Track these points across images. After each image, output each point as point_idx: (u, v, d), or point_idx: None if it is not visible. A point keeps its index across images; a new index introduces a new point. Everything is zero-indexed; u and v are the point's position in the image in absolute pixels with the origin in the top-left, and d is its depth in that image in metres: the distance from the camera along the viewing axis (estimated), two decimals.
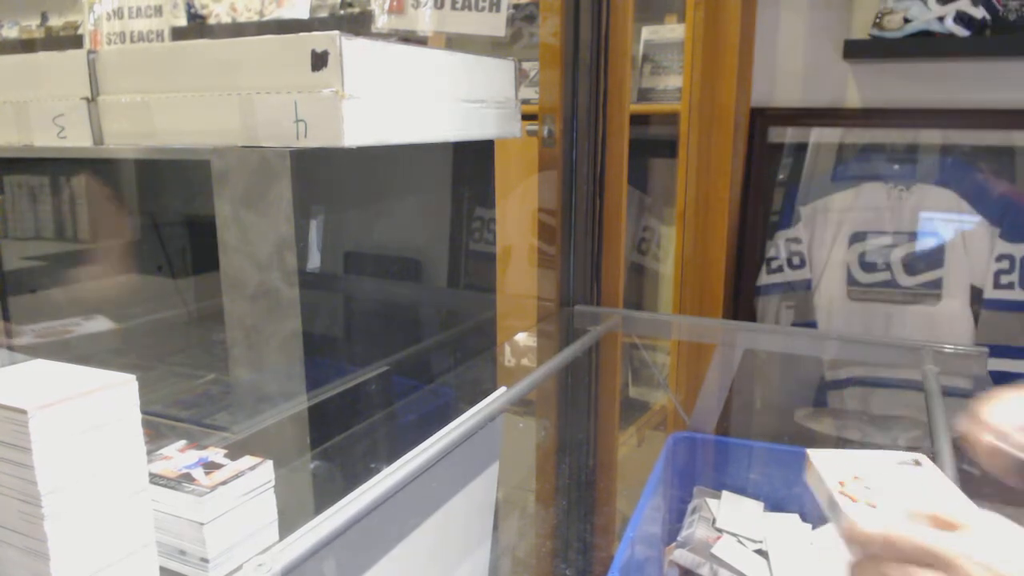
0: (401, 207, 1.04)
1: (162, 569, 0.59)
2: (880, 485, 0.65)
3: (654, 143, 1.96)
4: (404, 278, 1.07)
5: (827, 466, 0.70)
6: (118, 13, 1.07)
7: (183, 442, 0.69)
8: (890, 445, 1.59)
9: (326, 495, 0.73)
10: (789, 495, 1.17)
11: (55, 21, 2.71)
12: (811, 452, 0.72)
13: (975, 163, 1.60)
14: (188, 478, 0.62)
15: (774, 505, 1.17)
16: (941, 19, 1.47)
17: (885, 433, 1.60)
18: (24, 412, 0.47)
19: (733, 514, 1.12)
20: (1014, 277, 1.54)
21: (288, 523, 0.67)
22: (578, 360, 1.31)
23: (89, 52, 0.92)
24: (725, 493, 1.18)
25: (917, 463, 0.71)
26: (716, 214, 1.65)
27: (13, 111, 0.98)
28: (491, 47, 1.84)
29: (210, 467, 0.64)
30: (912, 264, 1.62)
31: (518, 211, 1.58)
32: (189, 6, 1.62)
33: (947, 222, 1.60)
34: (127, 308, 1.22)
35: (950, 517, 0.57)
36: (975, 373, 1.17)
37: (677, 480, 1.22)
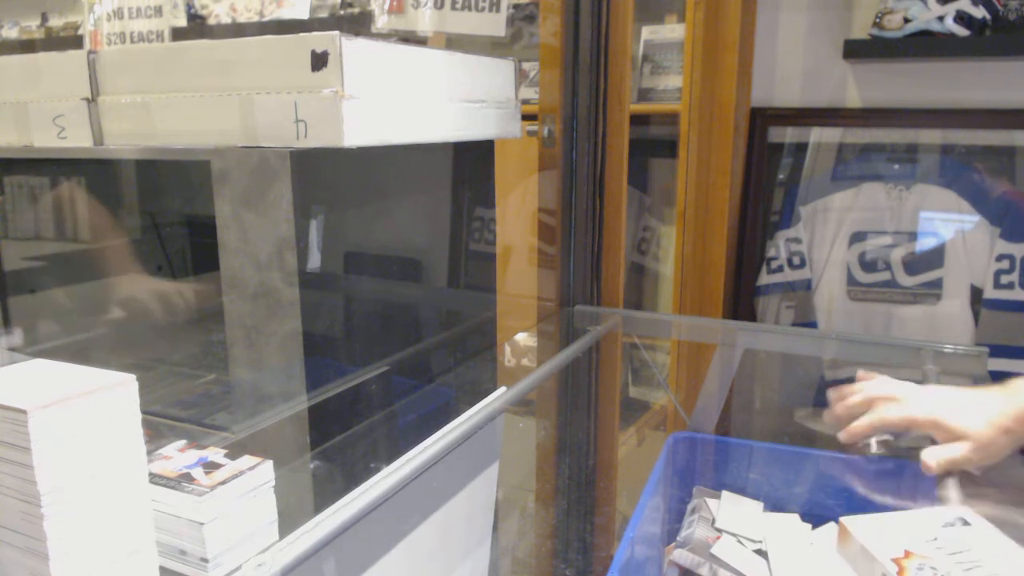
0: (401, 207, 1.04)
1: (162, 569, 0.59)
2: (939, 560, 0.57)
3: (654, 143, 1.96)
4: (404, 278, 1.07)
5: (869, 536, 0.61)
6: (118, 13, 1.07)
7: (183, 442, 0.69)
8: (891, 444, 1.59)
9: (326, 495, 0.73)
10: (789, 495, 1.17)
11: (55, 21, 2.71)
12: (846, 521, 0.64)
13: (975, 163, 1.60)
14: (188, 478, 0.62)
15: (774, 505, 1.17)
16: (941, 19, 1.47)
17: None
18: (24, 412, 0.47)
19: (733, 514, 1.12)
20: (1014, 277, 1.54)
21: (288, 523, 0.67)
22: (578, 360, 1.31)
23: (89, 52, 0.92)
24: (725, 493, 1.18)
25: (965, 522, 0.63)
26: (716, 214, 1.65)
27: (13, 111, 0.98)
28: (491, 47, 1.84)
29: (210, 467, 0.64)
30: (912, 264, 1.62)
31: (518, 211, 1.58)
32: (189, 6, 1.62)
33: (947, 222, 1.60)
34: (127, 308, 1.22)
35: None
36: (975, 373, 1.17)
37: (677, 480, 1.21)
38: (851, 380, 1.05)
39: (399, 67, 0.88)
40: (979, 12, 1.46)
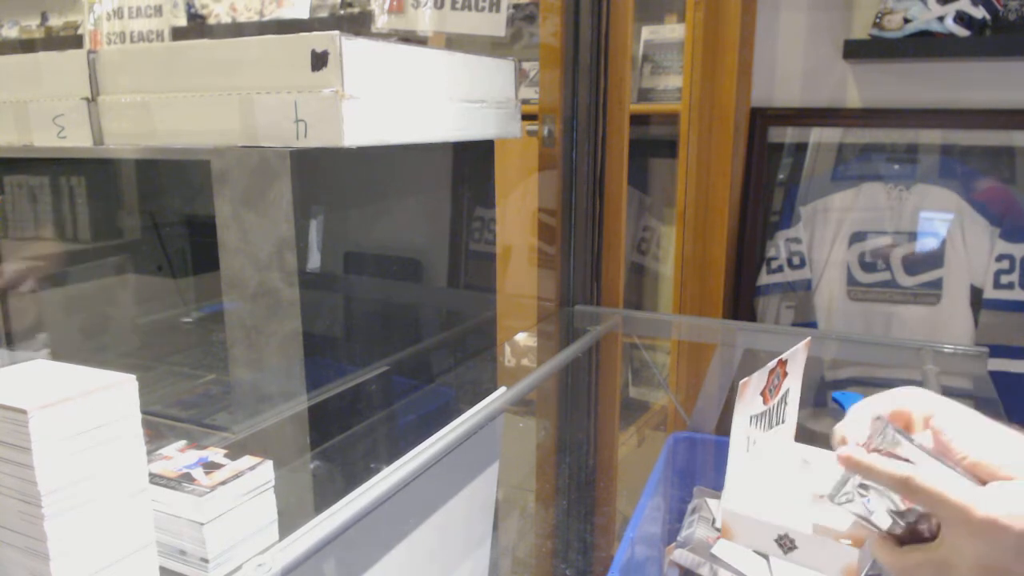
0: (401, 207, 1.04)
1: (162, 569, 0.59)
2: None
3: (654, 143, 1.96)
4: (404, 278, 1.07)
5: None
6: (118, 13, 1.07)
7: (183, 442, 0.69)
8: None
9: (326, 495, 0.73)
10: None
11: (55, 21, 2.71)
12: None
13: (975, 163, 1.60)
14: (188, 478, 0.62)
15: None
16: (941, 19, 1.47)
17: None
18: (24, 412, 0.47)
19: None
20: (1014, 277, 1.54)
21: (288, 523, 0.67)
22: (578, 360, 1.31)
23: (89, 52, 0.92)
24: None
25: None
26: (716, 214, 1.65)
27: (13, 111, 0.98)
28: (491, 47, 1.84)
29: (210, 467, 0.64)
30: (912, 264, 1.62)
31: (518, 211, 1.58)
32: (189, 6, 1.62)
33: (947, 222, 1.60)
34: (127, 308, 1.22)
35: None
36: (975, 373, 1.17)
37: (677, 480, 1.21)
38: (851, 381, 1.05)
39: (399, 67, 0.88)
40: (979, 12, 1.46)
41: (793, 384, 0.89)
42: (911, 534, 0.55)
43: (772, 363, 0.81)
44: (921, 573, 0.54)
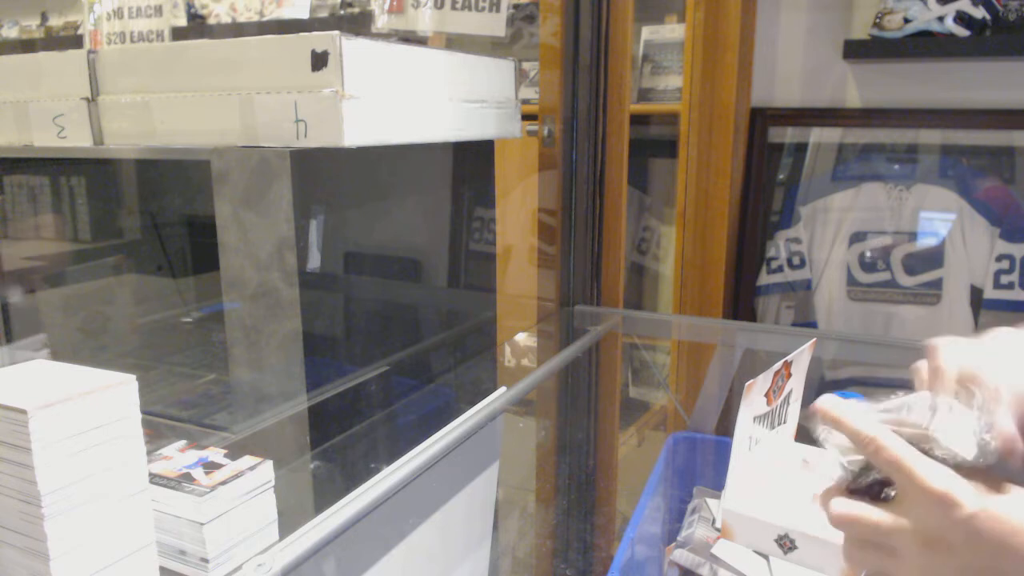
0: (401, 207, 1.04)
1: (162, 569, 0.59)
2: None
3: (654, 143, 1.96)
4: (404, 278, 1.07)
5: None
6: (118, 13, 1.07)
7: (183, 442, 0.69)
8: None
9: (326, 495, 0.73)
10: None
11: (55, 21, 2.71)
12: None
13: (975, 163, 1.60)
14: (188, 478, 0.62)
15: None
16: (941, 19, 1.47)
17: None
18: (24, 412, 0.47)
19: None
20: (1014, 277, 1.54)
21: (288, 523, 0.67)
22: (578, 360, 1.31)
23: (89, 52, 0.92)
24: None
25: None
26: (716, 214, 1.65)
27: (13, 111, 0.98)
28: (491, 47, 1.84)
29: (210, 467, 0.64)
30: (912, 264, 1.62)
31: (518, 211, 1.58)
32: (189, 6, 1.62)
33: (947, 222, 1.60)
34: (127, 308, 1.22)
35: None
36: None
37: (677, 480, 1.21)
38: (851, 381, 1.04)
39: (399, 67, 0.88)
40: (979, 12, 1.46)
41: (796, 385, 0.89)
42: (863, 493, 0.52)
43: (778, 364, 0.80)
44: (857, 528, 0.50)
